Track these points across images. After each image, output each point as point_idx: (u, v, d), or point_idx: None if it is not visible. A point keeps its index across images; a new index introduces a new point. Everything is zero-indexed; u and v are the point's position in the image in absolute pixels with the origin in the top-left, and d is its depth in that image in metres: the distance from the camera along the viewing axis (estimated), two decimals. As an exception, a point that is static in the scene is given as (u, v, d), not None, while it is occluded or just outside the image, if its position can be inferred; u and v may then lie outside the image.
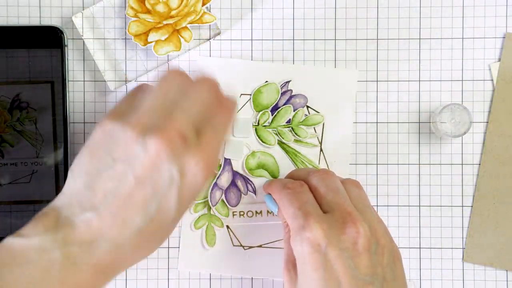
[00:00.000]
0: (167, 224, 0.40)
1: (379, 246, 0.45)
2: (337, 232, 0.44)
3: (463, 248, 0.55)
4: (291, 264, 0.48)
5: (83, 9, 0.54)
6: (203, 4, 0.53)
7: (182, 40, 0.53)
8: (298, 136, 0.54)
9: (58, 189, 0.53)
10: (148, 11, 0.53)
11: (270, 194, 0.50)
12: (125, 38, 0.54)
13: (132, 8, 0.53)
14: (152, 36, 0.53)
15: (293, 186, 0.48)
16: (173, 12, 0.53)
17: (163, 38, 0.53)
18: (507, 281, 0.54)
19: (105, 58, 0.54)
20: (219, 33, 0.54)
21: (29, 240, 0.37)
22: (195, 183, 0.40)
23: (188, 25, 0.53)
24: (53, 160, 0.53)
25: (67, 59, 0.53)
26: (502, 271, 0.54)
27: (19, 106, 0.53)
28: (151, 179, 0.39)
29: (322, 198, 0.47)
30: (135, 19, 0.53)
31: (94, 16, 0.54)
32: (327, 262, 0.43)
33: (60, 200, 0.39)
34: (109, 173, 0.39)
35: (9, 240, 0.37)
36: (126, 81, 0.54)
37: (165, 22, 0.53)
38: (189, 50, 0.54)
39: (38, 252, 0.37)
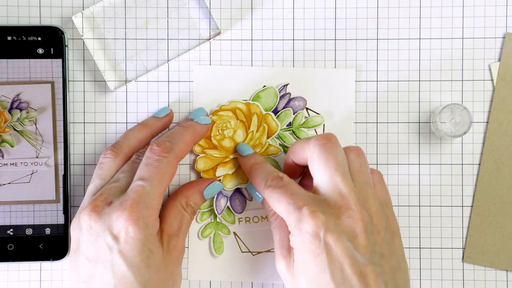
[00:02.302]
0: (137, 284, 0.45)
1: (374, 225, 0.45)
2: (333, 217, 0.44)
3: (463, 248, 0.55)
4: (286, 250, 0.48)
5: (83, 9, 0.54)
6: (268, 137, 0.54)
7: None
8: (300, 138, 0.54)
9: (57, 189, 0.53)
10: (214, 147, 0.54)
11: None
12: (125, 38, 0.54)
13: (199, 144, 0.54)
14: (220, 171, 0.54)
15: (273, 184, 0.48)
16: None
17: (230, 172, 0.54)
18: (507, 281, 0.54)
19: (105, 58, 0.54)
20: (219, 33, 0.54)
21: None
22: (132, 238, 0.45)
23: None
24: (53, 160, 0.53)
25: (67, 59, 0.53)
26: (502, 271, 0.54)
27: (19, 106, 0.53)
28: (96, 255, 0.46)
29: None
30: (203, 155, 0.54)
31: (94, 16, 0.54)
32: (327, 247, 0.44)
33: None
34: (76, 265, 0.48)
35: None
36: (126, 81, 0.54)
37: (231, 157, 0.54)
38: (189, 50, 0.54)
39: None
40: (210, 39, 0.54)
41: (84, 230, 0.47)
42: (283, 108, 0.54)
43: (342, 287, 0.43)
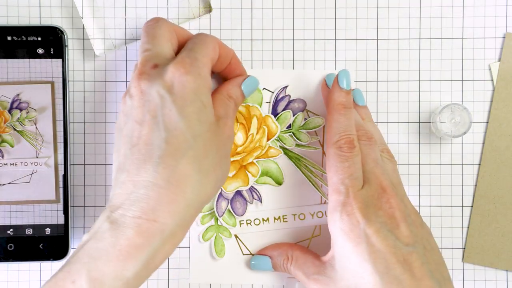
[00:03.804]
0: (188, 136, 0.43)
1: (413, 220, 0.47)
2: (374, 208, 0.46)
3: (463, 248, 0.55)
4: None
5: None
6: (268, 139, 0.54)
7: (249, 175, 0.54)
8: (300, 140, 0.54)
9: (57, 189, 0.53)
10: None
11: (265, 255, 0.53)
12: (114, 7, 0.54)
13: None
14: None
15: (345, 150, 0.47)
16: (239, 149, 0.54)
17: (230, 175, 0.54)
18: (507, 281, 0.54)
19: (94, 26, 0.54)
20: (210, 11, 0.54)
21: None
22: (186, 87, 0.44)
23: (254, 160, 0.54)
24: (53, 160, 0.53)
25: (67, 59, 0.53)
26: (502, 271, 0.54)
27: (19, 106, 0.53)
28: (146, 113, 0.44)
29: (362, 165, 0.48)
30: None
31: None
32: (367, 238, 0.45)
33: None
34: (124, 139, 0.45)
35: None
36: (115, 47, 0.54)
37: (232, 159, 0.53)
38: (178, 20, 0.54)
39: (98, 228, 0.43)
40: (200, 16, 0.54)
41: (135, 97, 0.45)
42: (282, 110, 0.54)
43: (386, 277, 0.44)
